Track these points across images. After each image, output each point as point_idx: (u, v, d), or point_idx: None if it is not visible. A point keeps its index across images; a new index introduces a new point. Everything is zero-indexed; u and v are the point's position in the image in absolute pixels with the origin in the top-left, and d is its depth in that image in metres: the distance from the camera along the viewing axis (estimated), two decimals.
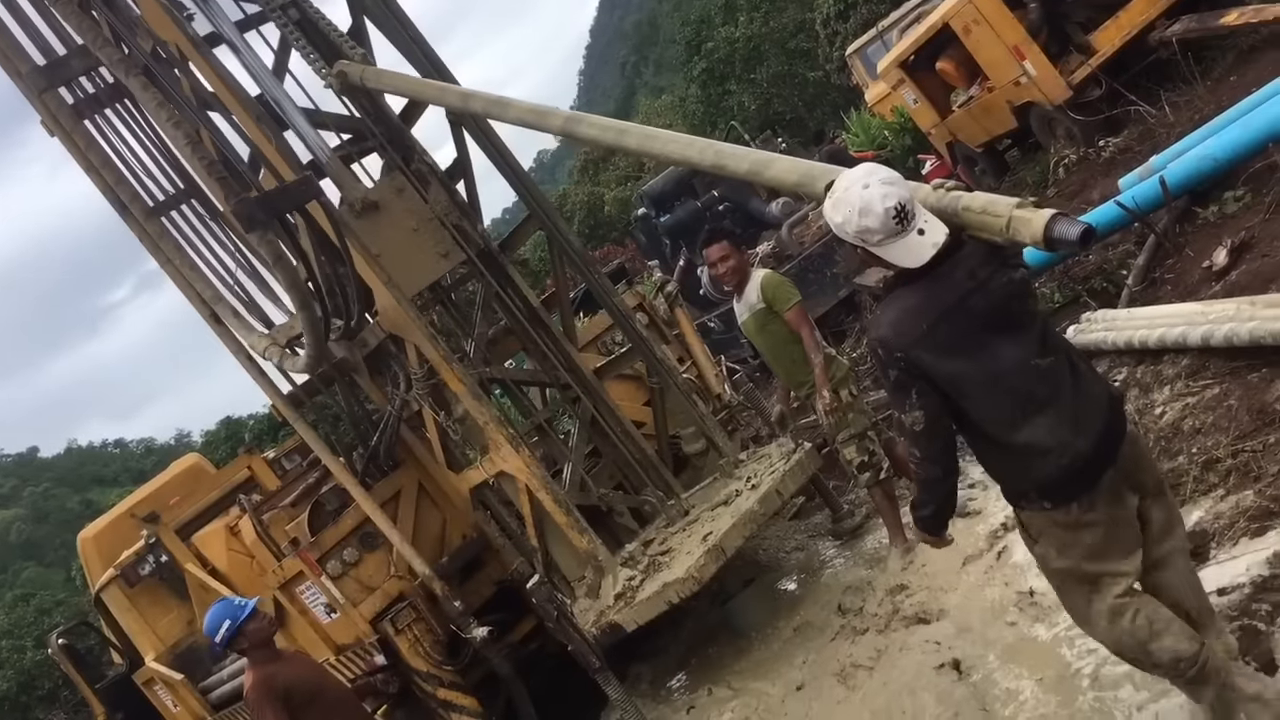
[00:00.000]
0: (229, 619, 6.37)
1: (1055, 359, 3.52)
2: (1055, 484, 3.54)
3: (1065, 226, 3.23)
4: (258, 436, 37.63)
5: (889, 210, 3.36)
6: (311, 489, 8.62)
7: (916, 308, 3.49)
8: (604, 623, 6.66)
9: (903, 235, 3.39)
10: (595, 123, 5.89)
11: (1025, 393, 3.48)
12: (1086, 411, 3.51)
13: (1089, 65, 12.05)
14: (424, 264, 7.21)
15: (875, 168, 3.54)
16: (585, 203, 45.53)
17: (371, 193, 7.10)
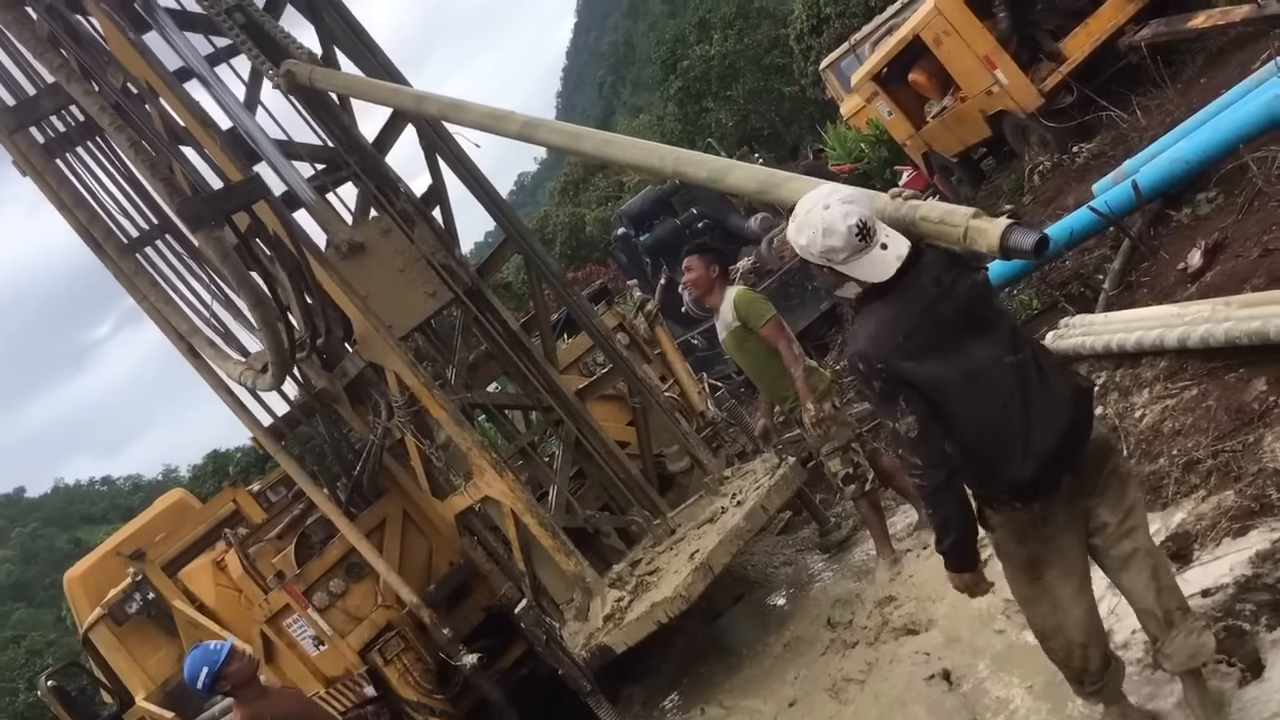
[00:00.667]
0: (206, 665, 6.29)
1: (1024, 355, 3.58)
2: (1023, 483, 3.62)
3: (1020, 236, 3.29)
4: (244, 469, 37.48)
5: (851, 228, 3.44)
6: (297, 521, 8.60)
7: (891, 319, 3.55)
8: (594, 645, 6.63)
9: (867, 251, 3.47)
10: (553, 127, 5.89)
11: (1002, 389, 3.54)
12: (1052, 407, 3.57)
13: (1060, 72, 12.13)
14: (412, 304, 7.24)
15: (835, 187, 3.63)
16: (567, 224, 45.60)
17: (357, 234, 7.12)
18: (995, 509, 3.79)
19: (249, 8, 7.26)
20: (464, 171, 7.56)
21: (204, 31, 7.62)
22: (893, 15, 19.76)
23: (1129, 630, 4.58)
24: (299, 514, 8.72)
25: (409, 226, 7.39)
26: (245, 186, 6.19)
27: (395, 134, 7.78)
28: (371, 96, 7.06)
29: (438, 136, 7.57)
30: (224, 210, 5.93)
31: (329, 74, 7.16)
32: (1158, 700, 4.11)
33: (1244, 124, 7.47)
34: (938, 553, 3.90)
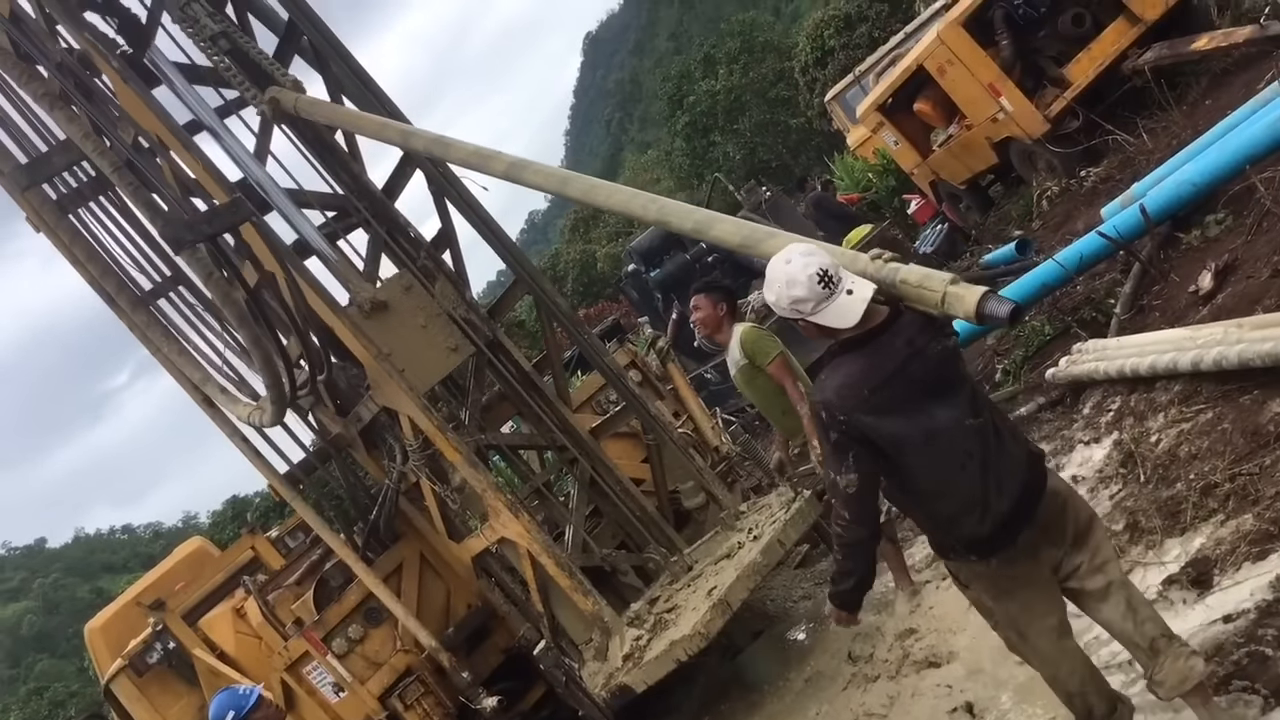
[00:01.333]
0: (233, 710, 6.31)
1: (984, 419, 3.74)
2: (980, 540, 3.78)
3: (995, 305, 3.46)
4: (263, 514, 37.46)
5: (813, 276, 3.57)
6: (315, 566, 8.60)
7: (860, 374, 3.67)
8: (614, 685, 6.59)
9: (832, 298, 3.59)
10: (539, 170, 5.92)
11: (961, 450, 3.69)
12: (1009, 471, 3.73)
13: (1064, 98, 12.18)
14: (434, 360, 7.26)
15: (794, 246, 3.77)
16: (578, 261, 45.78)
17: (380, 292, 7.17)
18: (952, 559, 3.98)
19: (234, 34, 7.31)
20: (473, 215, 7.60)
21: (212, 85, 7.71)
22: (896, 46, 19.90)
23: None
24: (317, 559, 8.72)
25: (429, 281, 7.43)
26: (229, 209, 6.20)
27: (404, 180, 7.84)
28: (359, 128, 7.10)
29: (446, 181, 7.63)
30: (206, 233, 5.95)
31: (314, 103, 7.19)
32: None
33: (1250, 145, 7.48)
34: (831, 589, 4.13)
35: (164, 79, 7.67)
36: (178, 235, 5.87)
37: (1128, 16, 12.15)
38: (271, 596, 8.30)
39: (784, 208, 16.63)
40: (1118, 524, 5.64)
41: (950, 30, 12.68)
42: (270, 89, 7.27)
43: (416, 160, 7.70)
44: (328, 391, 7.64)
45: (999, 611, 3.99)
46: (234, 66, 7.30)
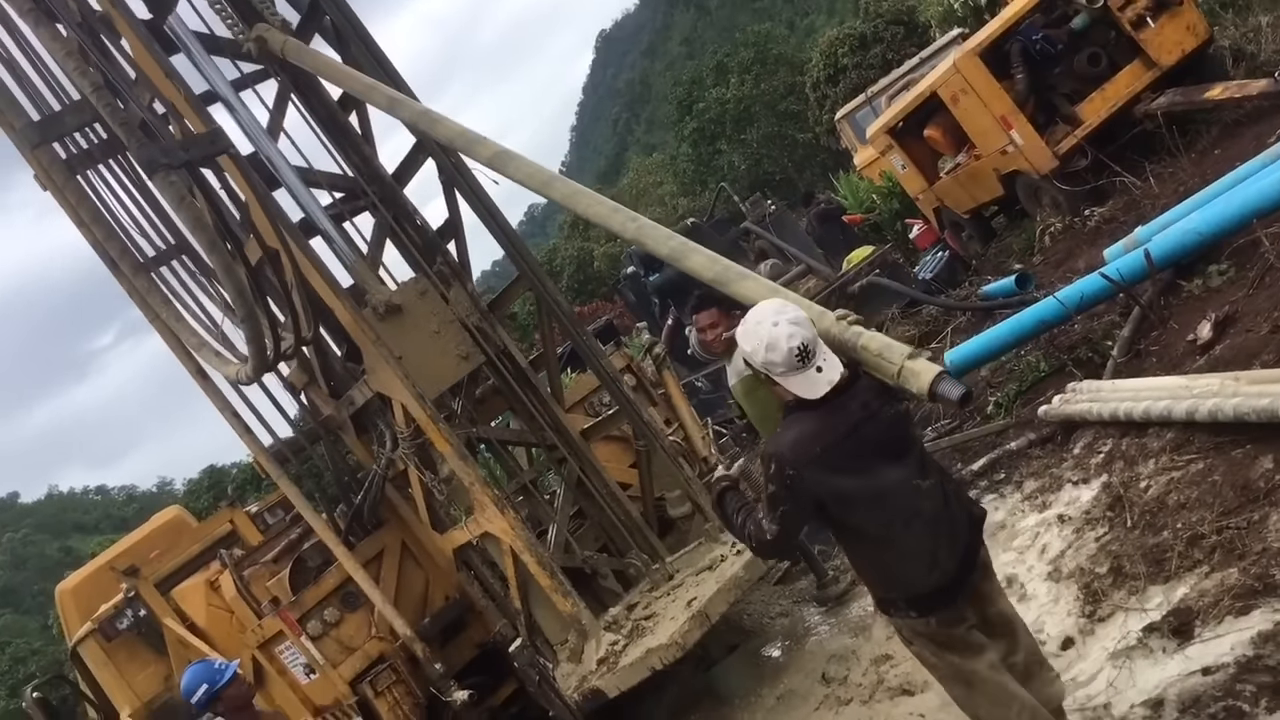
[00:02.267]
0: (207, 683, 6.32)
1: (933, 481, 3.97)
2: (922, 598, 4.01)
3: (948, 387, 3.71)
4: (241, 486, 37.40)
5: (793, 350, 3.79)
6: (294, 545, 8.57)
7: (814, 433, 3.89)
8: (586, 688, 6.59)
9: (803, 370, 3.81)
10: (524, 165, 5.92)
11: (908, 509, 3.90)
12: (954, 532, 3.97)
13: (1075, 136, 12.24)
14: (445, 366, 7.28)
15: (784, 306, 3.95)
16: (575, 258, 45.79)
17: (395, 296, 7.17)
18: (894, 615, 4.19)
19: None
20: (480, 207, 7.59)
21: (230, 56, 7.68)
22: (910, 70, 19.98)
23: (1127, 705, 4.58)
24: (296, 538, 8.69)
25: (445, 287, 7.43)
26: (207, 138, 6.15)
27: (415, 167, 7.83)
28: (346, 84, 7.02)
29: (457, 172, 7.62)
30: (183, 159, 5.89)
31: (303, 49, 7.12)
32: None
33: (1259, 199, 7.51)
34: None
35: (181, 47, 7.65)
36: (151, 157, 5.81)
37: (1144, 60, 12.22)
38: (247, 572, 8.26)
39: (787, 223, 16.67)
40: (1102, 567, 5.67)
41: (967, 60, 12.72)
42: (258, 25, 7.21)
43: (429, 148, 7.69)
44: (321, 372, 7.63)
45: (943, 666, 4.19)
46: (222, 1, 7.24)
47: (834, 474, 3.87)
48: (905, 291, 12.61)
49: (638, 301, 17.15)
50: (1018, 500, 7.39)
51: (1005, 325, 9.41)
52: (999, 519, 7.33)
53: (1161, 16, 12.05)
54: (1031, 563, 6.46)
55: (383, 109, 6.83)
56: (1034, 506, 7.09)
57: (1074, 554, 6.11)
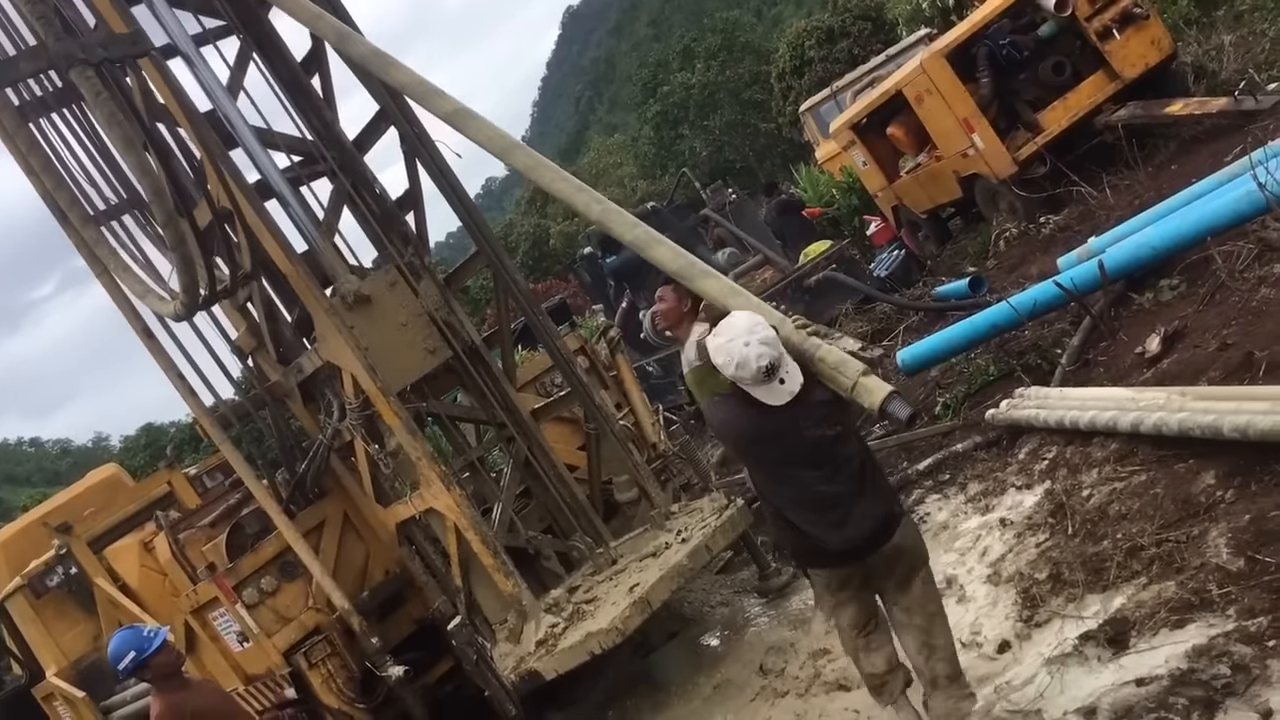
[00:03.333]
0: (135, 650, 6.18)
1: (845, 486, 4.43)
2: (826, 557, 4.65)
3: (898, 407, 4.12)
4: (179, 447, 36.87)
5: (761, 369, 4.20)
6: (232, 510, 8.44)
7: (740, 424, 4.51)
8: (523, 669, 6.57)
9: (768, 384, 4.25)
10: (485, 126, 5.84)
11: (813, 502, 4.47)
12: (861, 519, 4.46)
13: (1035, 143, 12.34)
14: (411, 360, 7.23)
15: (755, 324, 4.31)
16: (531, 234, 45.61)
17: (365, 286, 7.09)
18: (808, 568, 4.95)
19: None
20: (443, 180, 7.50)
21: (194, 10, 7.52)
22: (876, 67, 20.03)
23: (1060, 711, 4.62)
24: (234, 504, 8.56)
25: (415, 280, 7.36)
26: (128, 38, 6.00)
27: (377, 134, 7.72)
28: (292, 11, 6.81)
29: (419, 141, 7.52)
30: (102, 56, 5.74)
31: None
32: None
33: (1214, 217, 7.61)
34: None
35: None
36: (69, 51, 5.66)
37: (1107, 72, 12.34)
38: (183, 536, 8.13)
39: (747, 213, 16.67)
40: (1042, 573, 5.72)
41: (933, 60, 12.77)
42: None
43: (391, 115, 7.58)
44: (270, 337, 7.51)
45: (836, 616, 4.90)
46: None
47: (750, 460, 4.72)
48: (860, 288, 12.66)
49: (593, 283, 17.08)
50: (961, 502, 7.45)
51: (958, 327, 9.48)
52: (941, 519, 7.40)
53: (1127, 29, 12.17)
54: (972, 565, 6.52)
55: (331, 42, 6.65)
56: (977, 509, 7.15)
57: (1014, 558, 6.16)
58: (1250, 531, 4.82)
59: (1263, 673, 4.03)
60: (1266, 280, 6.96)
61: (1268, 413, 5.10)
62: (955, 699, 4.60)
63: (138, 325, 7.42)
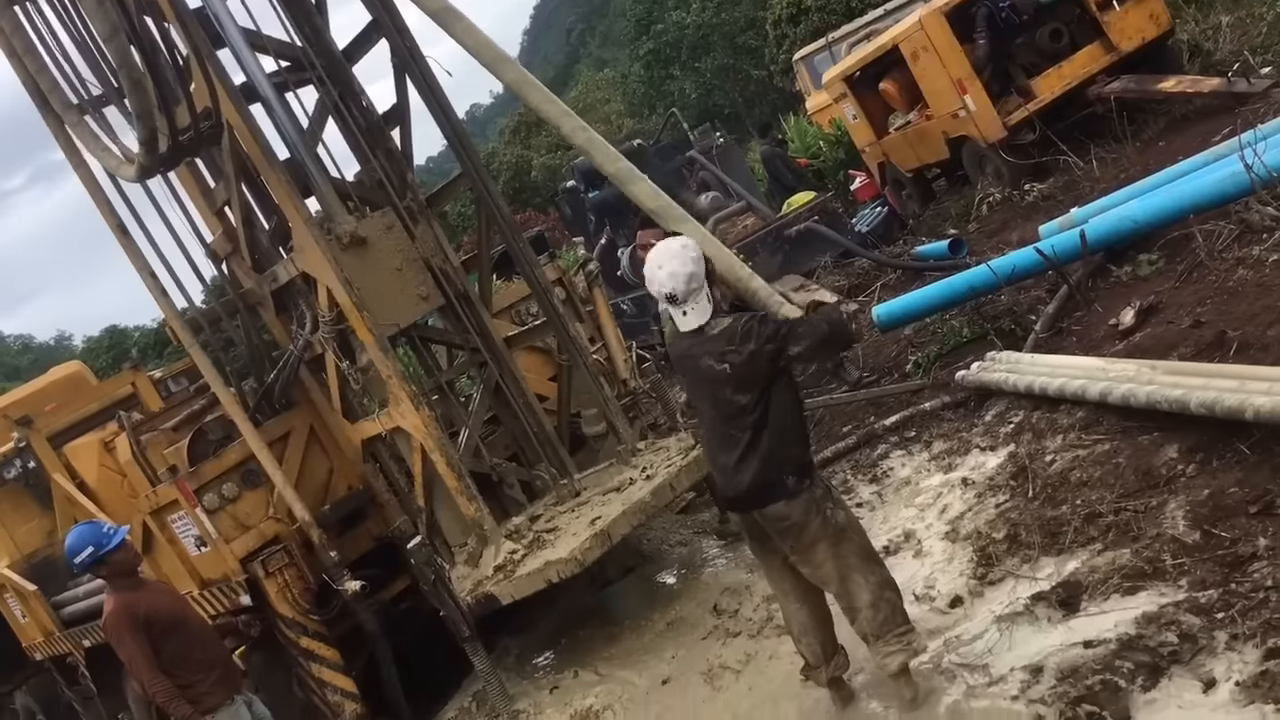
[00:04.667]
0: (93, 545, 6.19)
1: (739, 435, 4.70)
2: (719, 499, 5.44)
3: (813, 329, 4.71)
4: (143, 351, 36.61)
5: (662, 294, 4.69)
6: (195, 416, 8.40)
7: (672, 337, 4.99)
8: (480, 593, 6.61)
9: (674, 309, 4.72)
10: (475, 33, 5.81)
11: (713, 434, 4.89)
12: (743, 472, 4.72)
13: (1027, 109, 12.32)
14: (404, 305, 7.18)
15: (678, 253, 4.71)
16: (513, 164, 45.18)
17: (361, 227, 6.98)
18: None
19: None
20: (431, 98, 7.39)
21: None
22: (874, 20, 19.86)
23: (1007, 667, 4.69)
24: (199, 410, 8.51)
25: (413, 224, 7.29)
26: None
27: (368, 45, 7.58)
28: None
29: (410, 56, 7.40)
30: None
31: None
32: None
33: (1198, 195, 7.64)
34: None
35: None
36: None
37: (1104, 43, 12.31)
38: (145, 438, 8.08)
39: (733, 158, 16.55)
40: (999, 532, 5.79)
41: (932, 18, 12.68)
42: None
43: (383, 28, 7.45)
44: (246, 243, 7.42)
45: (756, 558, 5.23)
46: None
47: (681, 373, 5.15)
48: (840, 242, 12.65)
49: (574, 216, 16.95)
50: (925, 459, 7.52)
51: (935, 287, 9.50)
52: (904, 475, 7.47)
53: (1128, 2, 12.12)
54: (931, 521, 6.59)
55: None
56: (940, 467, 7.22)
57: (973, 517, 6.24)
58: (1208, 506, 4.90)
59: (1209, 643, 4.10)
60: (1245, 261, 7.01)
61: (1235, 391, 5.15)
62: (883, 654, 4.76)
63: (113, 220, 7.31)
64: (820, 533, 4.74)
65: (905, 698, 4.81)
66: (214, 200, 7.46)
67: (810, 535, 4.72)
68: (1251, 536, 4.51)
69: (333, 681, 7.19)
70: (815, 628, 5.00)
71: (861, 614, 4.77)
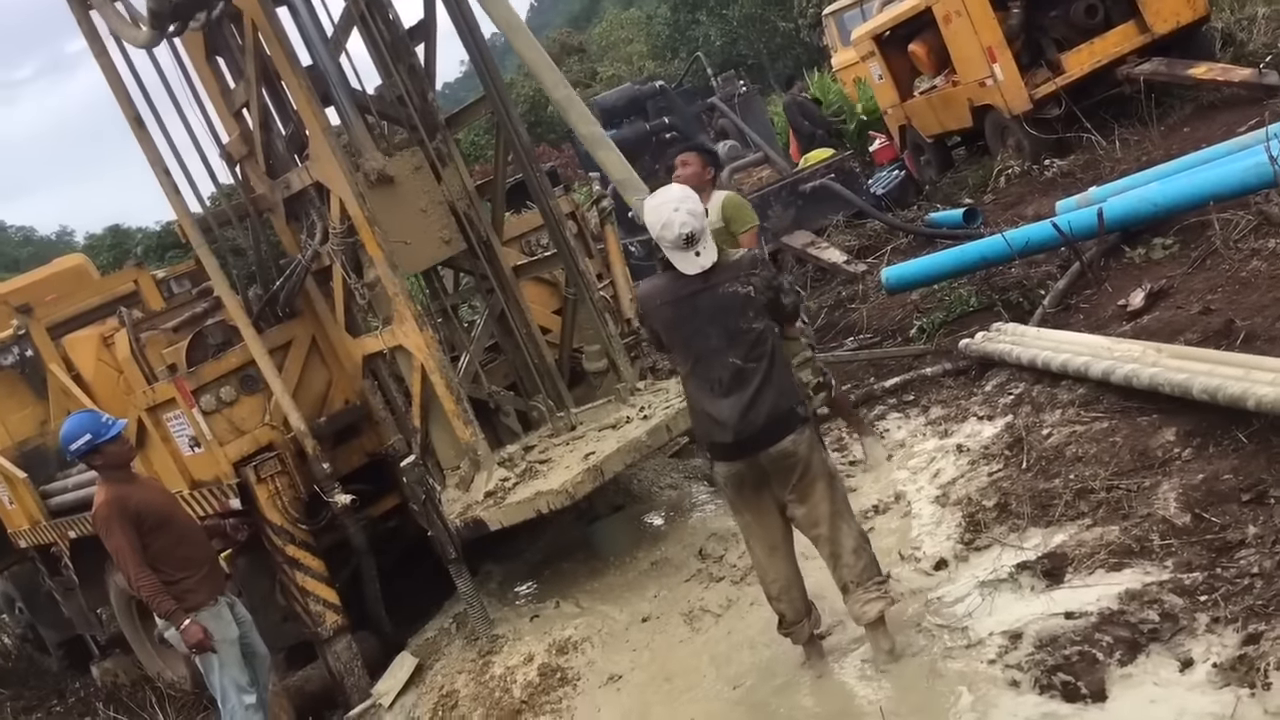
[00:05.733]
0: (91, 433, 6.22)
1: (754, 366, 4.74)
2: (716, 448, 4.94)
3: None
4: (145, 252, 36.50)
5: (681, 235, 4.68)
6: (197, 319, 8.36)
7: (661, 290, 4.91)
8: (469, 516, 6.64)
9: (685, 252, 4.73)
10: None
11: (716, 379, 4.77)
12: (758, 408, 4.72)
13: (1054, 83, 12.23)
14: (425, 247, 7.12)
15: (687, 195, 4.82)
16: (530, 98, 44.64)
17: (389, 166, 6.91)
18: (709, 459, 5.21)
19: None
20: (460, 18, 7.30)
21: None
22: None
23: (986, 631, 4.74)
24: (200, 312, 8.47)
25: (440, 166, 7.20)
26: None
27: None
28: None
29: None
30: None
31: None
32: None
33: (1220, 183, 7.60)
34: None
35: None
36: None
37: (1138, 23, 12.21)
38: (144, 335, 8.05)
39: (754, 107, 16.42)
40: (990, 500, 5.83)
41: None
42: None
43: None
44: (262, 147, 7.36)
45: (737, 520, 5.19)
46: None
47: (666, 328, 4.94)
48: (855, 201, 12.60)
49: (588, 155, 16.82)
50: (921, 424, 7.54)
51: (947, 254, 9.49)
52: (899, 438, 7.49)
53: None
54: (922, 484, 6.63)
55: None
56: (936, 433, 7.24)
57: (965, 483, 6.27)
58: (1201, 490, 4.92)
59: (1190, 624, 4.14)
60: (1260, 253, 7.00)
61: (1240, 379, 5.16)
62: (862, 602, 4.85)
63: (130, 112, 7.22)
64: (820, 469, 4.90)
65: (883, 649, 4.90)
66: (233, 101, 7.37)
67: (813, 472, 4.85)
68: (1242, 524, 4.54)
69: (315, 591, 7.23)
70: (797, 582, 5.09)
71: (844, 559, 4.88)
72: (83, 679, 11.23)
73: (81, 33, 7.07)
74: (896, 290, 9.84)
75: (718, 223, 6.83)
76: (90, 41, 7.05)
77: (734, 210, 6.87)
